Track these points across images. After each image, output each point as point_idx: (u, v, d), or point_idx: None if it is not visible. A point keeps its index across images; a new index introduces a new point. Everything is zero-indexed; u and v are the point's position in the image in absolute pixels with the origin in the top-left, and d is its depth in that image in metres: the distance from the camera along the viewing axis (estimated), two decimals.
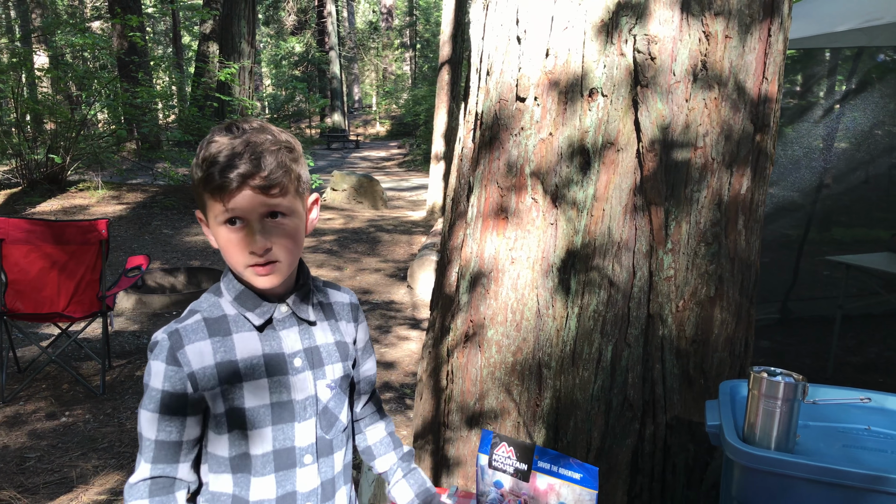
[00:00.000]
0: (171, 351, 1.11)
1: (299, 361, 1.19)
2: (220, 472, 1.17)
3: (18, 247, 3.96)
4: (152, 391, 1.11)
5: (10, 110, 10.70)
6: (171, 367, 1.11)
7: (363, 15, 39.80)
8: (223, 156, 1.05)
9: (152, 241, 8.42)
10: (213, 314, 1.16)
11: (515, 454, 1.27)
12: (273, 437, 1.16)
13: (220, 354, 1.13)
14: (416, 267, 6.75)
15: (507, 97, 2.05)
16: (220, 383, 1.12)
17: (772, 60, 1.92)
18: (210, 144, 1.07)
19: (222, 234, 1.10)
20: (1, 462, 3.19)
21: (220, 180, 1.05)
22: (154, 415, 1.11)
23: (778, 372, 1.44)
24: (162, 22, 27.56)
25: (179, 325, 1.14)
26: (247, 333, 1.16)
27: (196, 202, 1.14)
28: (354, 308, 1.35)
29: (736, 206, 1.92)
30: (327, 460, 1.23)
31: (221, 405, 1.13)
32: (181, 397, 1.11)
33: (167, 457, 1.13)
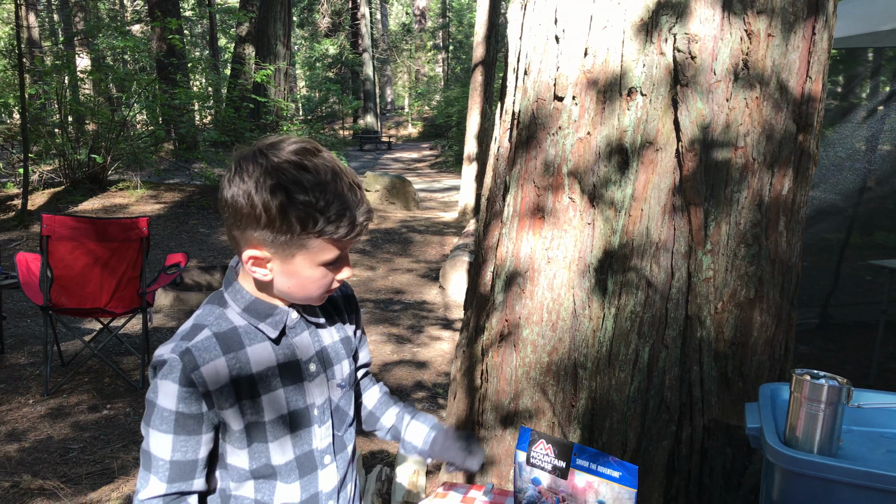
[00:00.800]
0: (185, 372, 1.06)
1: (314, 366, 1.18)
2: (241, 480, 1.15)
3: (64, 243, 4.07)
4: (164, 412, 1.06)
5: (54, 111, 11.00)
6: (186, 388, 1.05)
7: (396, 17, 40.01)
8: (339, 203, 1.02)
9: (189, 240, 8.58)
10: (222, 328, 1.12)
11: (554, 451, 1.27)
12: (293, 444, 1.16)
13: (236, 371, 1.09)
14: (448, 267, 6.77)
15: (544, 96, 2.05)
16: (238, 399, 1.10)
17: (816, 59, 1.89)
18: (313, 184, 1.00)
19: (316, 273, 1.08)
20: (45, 452, 3.28)
21: (351, 231, 1.04)
22: (168, 436, 1.07)
23: (821, 375, 1.42)
24: (199, 25, 28.05)
25: (190, 344, 1.08)
26: (259, 345, 1.13)
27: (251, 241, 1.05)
28: (350, 299, 1.33)
29: (777, 206, 1.90)
30: (342, 455, 1.25)
31: (240, 421, 1.10)
32: (197, 417, 1.08)
33: (183, 475, 1.10)
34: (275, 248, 1.05)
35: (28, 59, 13.28)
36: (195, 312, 1.17)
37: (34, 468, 3.13)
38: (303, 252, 1.05)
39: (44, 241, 3.95)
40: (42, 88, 11.20)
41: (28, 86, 9.79)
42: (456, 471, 1.29)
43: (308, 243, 1.04)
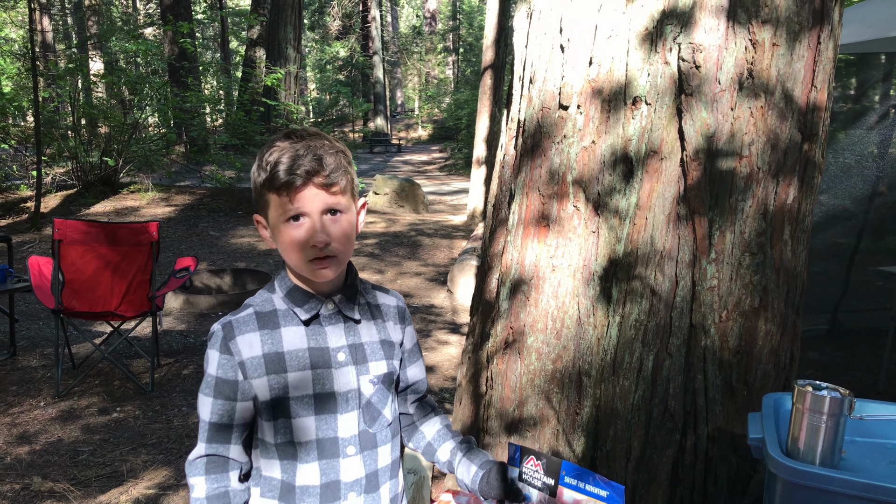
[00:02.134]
0: (224, 341, 1.20)
1: (343, 356, 1.25)
2: (269, 457, 1.24)
3: (75, 247, 4.11)
4: (208, 377, 1.22)
5: (67, 114, 11.10)
6: (224, 355, 1.20)
7: (407, 19, 40.10)
8: (287, 157, 1.14)
9: (199, 243, 8.63)
10: (265, 308, 1.24)
11: (543, 468, 1.26)
12: (316, 426, 1.23)
13: (268, 346, 1.21)
14: (456, 271, 6.78)
15: (549, 105, 2.06)
16: (267, 372, 1.20)
17: (821, 68, 1.88)
18: (273, 149, 1.17)
19: (285, 232, 1.18)
20: (56, 455, 3.32)
21: (287, 178, 1.14)
22: (209, 399, 1.22)
23: (823, 386, 1.42)
24: (211, 28, 28.22)
25: (233, 318, 1.23)
26: (294, 327, 1.23)
27: (255, 206, 1.23)
28: (401, 311, 1.40)
29: (782, 216, 1.90)
30: (371, 453, 1.28)
31: (268, 393, 1.21)
32: (232, 384, 1.21)
33: (220, 437, 1.23)
34: (259, 209, 1.23)
35: (42, 63, 13.41)
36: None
37: (44, 470, 3.16)
38: (269, 210, 1.19)
39: (56, 244, 3.99)
40: (55, 91, 11.30)
41: (42, 89, 9.88)
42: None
43: (267, 198, 1.18)
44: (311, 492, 1.23)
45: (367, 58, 25.51)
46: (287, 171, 1.14)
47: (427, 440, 1.44)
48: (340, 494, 1.24)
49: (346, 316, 1.27)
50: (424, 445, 1.45)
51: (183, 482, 3.08)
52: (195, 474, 1.23)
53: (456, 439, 1.43)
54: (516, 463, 1.31)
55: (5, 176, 10.46)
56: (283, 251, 1.21)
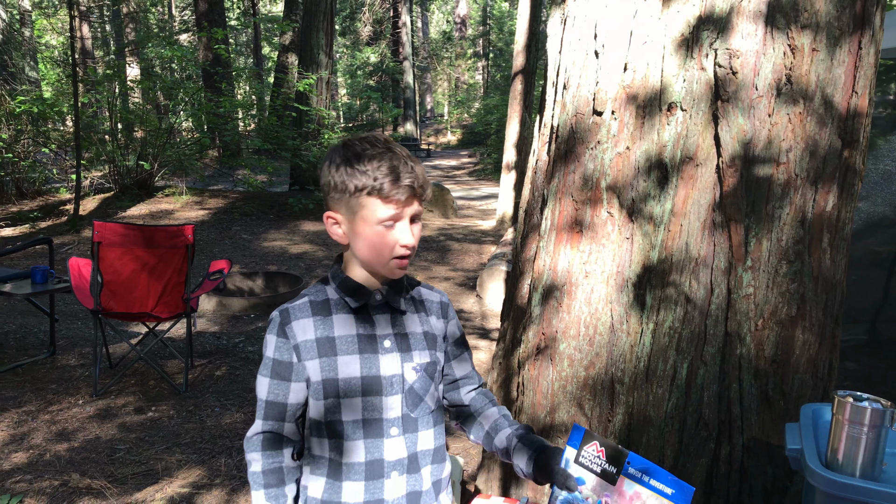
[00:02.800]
0: (281, 326, 1.33)
1: (388, 343, 1.36)
2: (319, 436, 1.34)
3: (113, 249, 4.20)
4: (266, 359, 1.34)
5: (105, 119, 11.36)
6: (281, 338, 1.32)
7: (437, 25, 40.25)
8: (388, 166, 1.24)
9: (232, 246, 8.76)
10: (318, 298, 1.36)
11: (606, 455, 1.25)
12: (363, 406, 1.32)
13: (321, 331, 1.32)
14: (485, 277, 6.78)
15: (583, 111, 2.05)
16: (319, 355, 1.31)
17: (862, 74, 1.86)
18: (363, 155, 1.26)
19: (377, 233, 1.27)
20: (93, 452, 3.39)
21: (395, 188, 1.24)
22: (266, 379, 1.34)
23: (864, 397, 1.39)
24: (244, 34, 28.66)
25: (289, 305, 1.35)
26: (344, 315, 1.35)
27: (330, 204, 1.32)
28: (444, 306, 1.49)
29: (821, 223, 1.87)
30: (412, 436, 1.37)
31: (319, 374, 1.31)
32: (287, 365, 1.33)
33: (275, 415, 1.34)
34: (342, 208, 1.30)
35: (81, 69, 13.74)
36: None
37: (82, 467, 3.24)
38: (362, 211, 1.27)
39: (95, 247, 4.09)
40: (94, 97, 11.58)
41: (81, 95, 10.12)
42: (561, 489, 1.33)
43: (363, 202, 1.26)
44: (357, 469, 1.32)
45: (397, 63, 25.66)
46: (395, 181, 1.24)
47: (485, 429, 1.49)
48: (384, 472, 1.33)
49: (393, 307, 1.38)
50: (483, 435, 1.50)
51: (216, 482, 3.13)
52: (252, 450, 1.34)
53: (513, 426, 1.46)
54: (576, 445, 1.29)
55: (46, 179, 10.73)
56: (365, 248, 1.30)
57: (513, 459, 1.42)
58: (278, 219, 10.39)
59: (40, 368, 4.49)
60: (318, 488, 1.34)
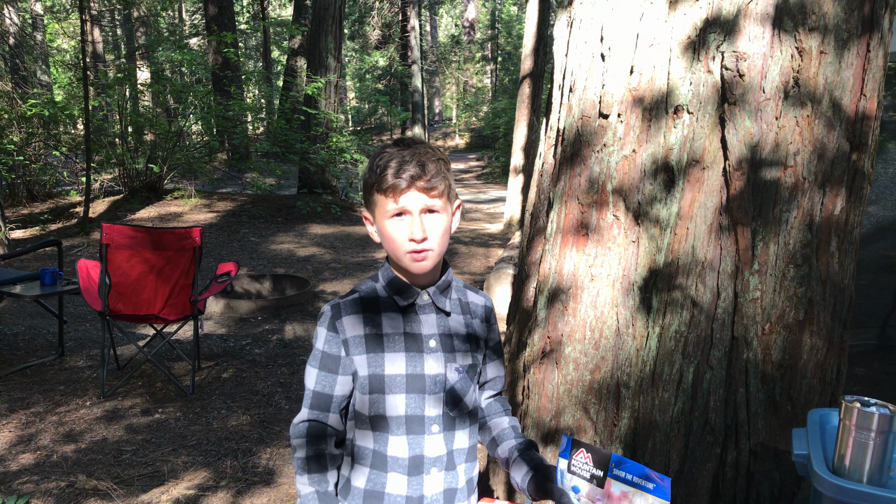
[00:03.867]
0: (332, 320, 1.37)
1: (434, 343, 1.39)
2: (363, 428, 1.39)
3: (122, 252, 4.23)
4: (316, 351, 1.39)
5: (115, 122, 11.43)
6: (331, 332, 1.38)
7: (446, 29, 40.30)
8: (395, 162, 1.29)
9: (240, 248, 8.78)
10: (369, 294, 1.41)
11: (593, 460, 1.29)
12: (406, 403, 1.36)
13: (370, 328, 1.37)
14: (492, 280, 6.77)
15: (589, 114, 2.05)
16: (367, 351, 1.36)
17: (871, 77, 1.84)
18: (383, 154, 1.31)
19: (389, 227, 1.32)
20: (100, 454, 3.40)
21: (393, 181, 1.28)
22: (314, 370, 1.39)
23: (872, 402, 1.38)
24: (254, 38, 28.78)
25: (341, 301, 1.40)
26: (392, 313, 1.39)
27: (364, 205, 1.40)
28: (489, 311, 1.54)
29: (829, 227, 1.85)
30: (450, 434, 1.41)
31: (366, 369, 1.36)
32: (336, 358, 1.38)
33: (321, 405, 1.39)
34: (368, 207, 1.38)
35: (92, 73, 13.83)
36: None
37: (89, 469, 3.25)
38: (376, 208, 1.34)
39: (103, 249, 4.11)
40: (105, 101, 11.65)
41: (92, 98, 10.19)
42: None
43: (374, 199, 1.33)
44: (400, 462, 1.37)
45: (405, 67, 25.69)
46: (394, 174, 1.28)
47: (492, 435, 1.54)
48: (424, 468, 1.37)
49: (439, 307, 1.41)
50: (489, 440, 1.55)
51: (222, 484, 3.13)
52: (298, 436, 1.39)
53: (518, 440, 1.50)
54: (566, 455, 1.34)
55: (56, 182, 10.80)
56: (386, 244, 1.35)
57: (510, 472, 1.46)
58: (286, 222, 10.41)
59: (49, 370, 4.51)
60: (361, 478, 1.39)
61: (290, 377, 4.55)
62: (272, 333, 5.51)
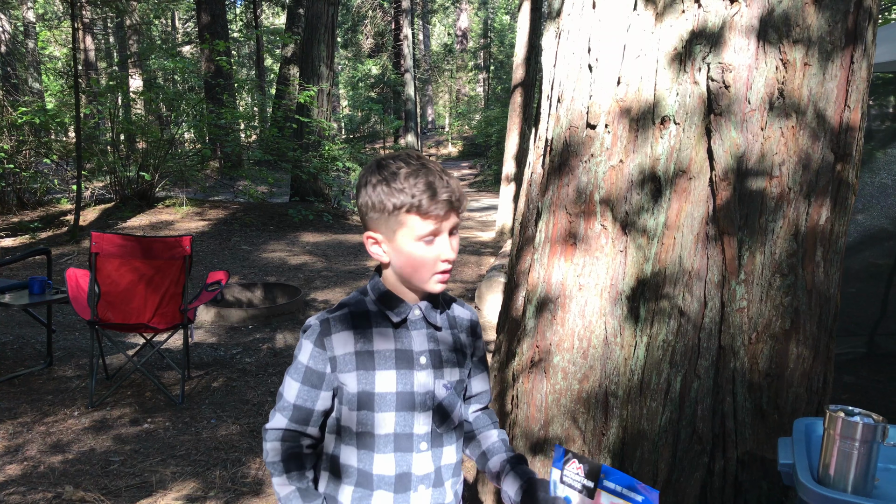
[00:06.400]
0: (320, 336, 1.33)
1: (424, 360, 1.37)
2: (348, 444, 1.36)
3: (111, 260, 4.21)
4: (299, 364, 1.36)
5: (107, 130, 11.40)
6: (317, 348, 1.34)
7: (438, 37, 40.44)
8: (424, 182, 1.26)
9: (231, 257, 8.76)
10: (359, 309, 1.37)
11: (584, 471, 1.29)
12: (395, 421, 1.34)
13: (360, 344, 1.34)
14: (484, 288, 6.77)
15: (577, 124, 2.06)
16: (357, 368, 1.33)
17: (854, 88, 1.86)
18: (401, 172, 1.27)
19: (418, 249, 1.29)
20: (88, 464, 3.37)
21: (433, 204, 1.26)
22: (296, 383, 1.36)
23: (856, 412, 1.39)
24: (246, 46, 28.79)
25: (330, 315, 1.36)
26: (384, 329, 1.36)
27: (370, 224, 1.33)
28: (473, 325, 1.53)
29: (814, 237, 1.87)
30: (438, 451, 1.39)
31: (356, 386, 1.33)
32: (320, 374, 1.34)
33: (301, 419, 1.36)
34: (382, 227, 1.31)
35: (84, 80, 13.81)
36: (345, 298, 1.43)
37: (76, 479, 3.22)
38: (401, 229, 1.28)
39: (92, 257, 4.09)
40: (96, 108, 11.62)
41: (83, 106, 10.17)
42: None
43: (402, 220, 1.27)
44: (387, 481, 1.35)
45: (398, 75, 25.76)
46: (432, 196, 1.26)
47: (482, 449, 1.53)
48: (411, 486, 1.36)
49: (429, 322, 1.40)
50: (479, 454, 1.53)
51: (210, 494, 3.11)
52: (273, 440, 1.37)
53: (508, 454, 1.50)
54: (559, 466, 1.34)
55: (47, 190, 10.76)
56: (406, 265, 1.32)
57: (502, 486, 1.45)
58: (278, 230, 10.40)
59: (37, 379, 4.48)
60: (346, 496, 1.37)
61: (281, 386, 4.53)
62: (263, 342, 5.49)
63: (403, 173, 1.27)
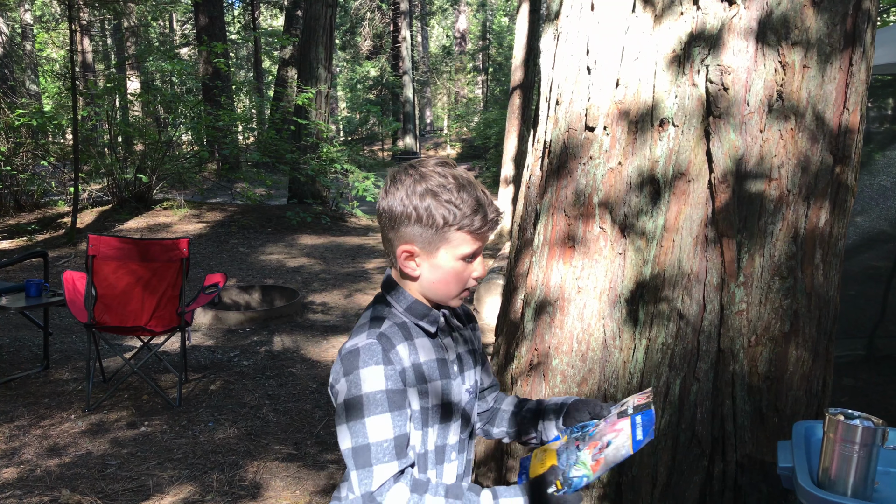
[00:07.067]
0: (385, 352, 1.19)
1: (455, 367, 1.33)
2: None
3: (108, 263, 4.19)
4: (375, 395, 1.16)
5: (105, 132, 11.38)
6: (388, 366, 1.18)
7: (437, 39, 40.46)
8: (474, 200, 1.20)
9: (229, 259, 8.74)
10: (397, 321, 1.27)
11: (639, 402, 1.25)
12: (438, 433, 1.28)
13: (413, 357, 1.24)
14: (482, 291, 6.76)
15: (575, 126, 2.05)
16: (416, 382, 1.23)
17: (853, 90, 1.86)
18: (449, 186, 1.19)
19: (458, 266, 1.23)
20: (84, 468, 3.36)
21: (485, 224, 1.21)
22: (385, 415, 1.16)
23: (856, 415, 1.38)
24: (244, 48, 28.79)
25: (381, 330, 1.23)
26: (423, 339, 1.28)
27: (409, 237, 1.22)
28: (471, 315, 1.49)
29: (813, 239, 1.86)
30: (462, 457, 1.36)
31: (417, 403, 1.24)
32: (402, 392, 1.19)
33: (404, 451, 1.18)
34: (423, 242, 1.22)
35: (81, 83, 13.79)
36: (365, 313, 1.31)
37: (73, 483, 3.20)
38: (446, 245, 1.21)
39: (89, 260, 4.07)
40: (94, 110, 11.61)
41: (81, 108, 10.15)
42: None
43: (450, 237, 1.21)
44: None
45: (397, 77, 25.77)
46: (484, 217, 1.21)
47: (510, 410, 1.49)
48: None
49: (452, 328, 1.36)
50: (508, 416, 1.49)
51: (207, 498, 3.10)
52: (393, 491, 1.15)
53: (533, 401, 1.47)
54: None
55: (44, 192, 10.73)
56: (440, 281, 1.24)
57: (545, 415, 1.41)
58: (276, 232, 10.38)
59: (33, 382, 4.46)
60: None
61: (279, 389, 4.52)
62: (261, 345, 5.47)
63: (453, 186, 1.19)
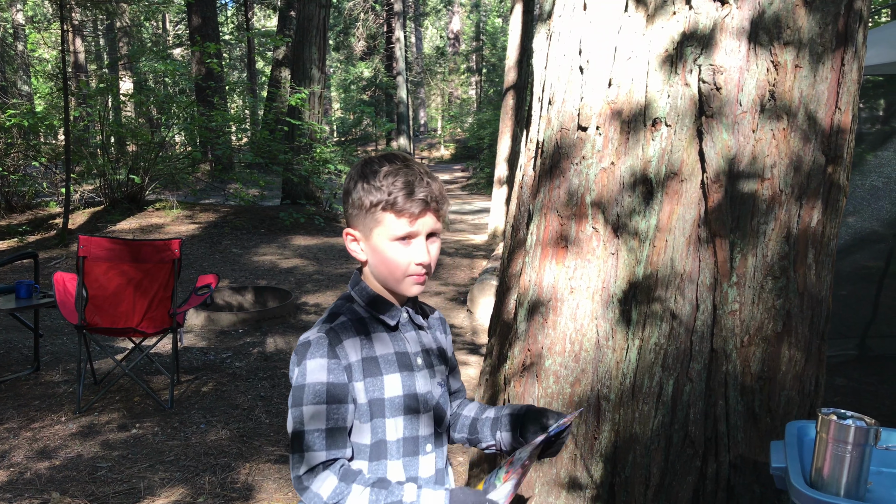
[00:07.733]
0: (331, 346, 1.26)
1: (420, 360, 1.38)
2: (360, 459, 1.31)
3: (99, 264, 4.17)
4: (316, 385, 1.24)
5: (97, 133, 11.32)
6: (332, 360, 1.26)
7: (431, 40, 40.45)
8: (403, 180, 1.25)
9: (222, 260, 8.71)
10: (354, 316, 1.34)
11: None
12: (404, 425, 1.32)
13: (365, 351, 1.30)
14: (476, 291, 6.75)
15: (568, 126, 2.05)
16: (365, 376, 1.29)
17: (845, 90, 1.86)
18: (382, 170, 1.27)
19: (392, 249, 1.28)
20: (74, 471, 3.33)
21: (410, 202, 1.24)
22: (322, 406, 1.24)
23: (848, 414, 1.38)
24: (238, 48, 28.72)
25: (332, 325, 1.30)
26: (381, 333, 1.34)
27: (351, 221, 1.32)
28: (443, 322, 1.54)
29: (806, 239, 1.86)
30: (440, 451, 1.40)
31: (364, 396, 1.28)
32: (343, 386, 1.26)
33: (337, 442, 1.25)
34: (359, 224, 1.30)
35: (73, 83, 13.73)
36: (329, 308, 1.38)
37: (63, 486, 3.18)
38: (377, 227, 1.27)
39: (80, 261, 4.05)
40: (86, 111, 11.55)
41: (73, 108, 10.10)
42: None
43: (378, 217, 1.26)
44: None
45: (390, 78, 25.73)
46: (408, 195, 1.24)
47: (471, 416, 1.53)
48: None
49: (415, 324, 1.40)
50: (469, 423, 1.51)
51: (199, 500, 3.08)
52: (317, 480, 1.21)
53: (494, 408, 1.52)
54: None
55: (35, 193, 10.67)
56: (383, 265, 1.30)
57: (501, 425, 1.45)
58: (269, 233, 10.35)
59: (23, 384, 4.43)
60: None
61: (271, 391, 4.50)
62: (253, 346, 5.45)
63: (384, 171, 1.26)
